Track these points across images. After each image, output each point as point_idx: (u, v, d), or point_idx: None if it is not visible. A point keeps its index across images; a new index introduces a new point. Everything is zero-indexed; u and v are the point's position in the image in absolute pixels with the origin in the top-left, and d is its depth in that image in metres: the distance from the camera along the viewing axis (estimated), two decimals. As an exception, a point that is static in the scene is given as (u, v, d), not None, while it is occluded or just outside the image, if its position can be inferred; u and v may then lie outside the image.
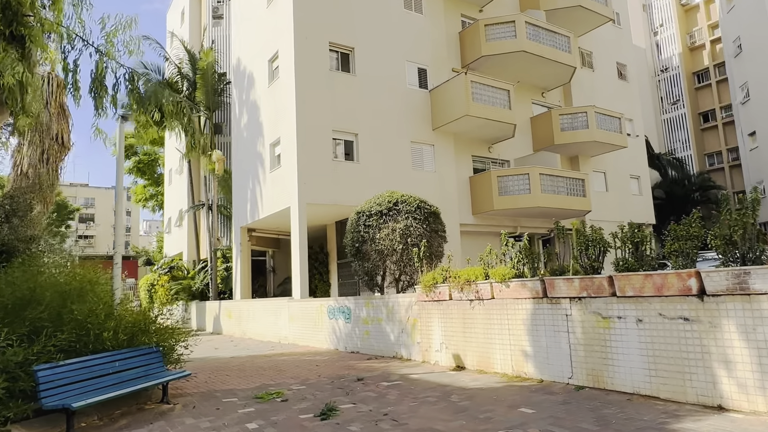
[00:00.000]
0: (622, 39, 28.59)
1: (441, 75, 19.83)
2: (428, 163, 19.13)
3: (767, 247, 5.36)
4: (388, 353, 10.77)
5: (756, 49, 30.40)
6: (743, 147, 32.96)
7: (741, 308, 5.34)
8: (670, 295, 5.92)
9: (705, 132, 37.89)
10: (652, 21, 39.94)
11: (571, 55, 22.06)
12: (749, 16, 30.82)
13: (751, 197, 5.55)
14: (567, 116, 22.51)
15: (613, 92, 26.46)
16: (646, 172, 27.83)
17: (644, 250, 6.30)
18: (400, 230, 10.66)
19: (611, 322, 6.54)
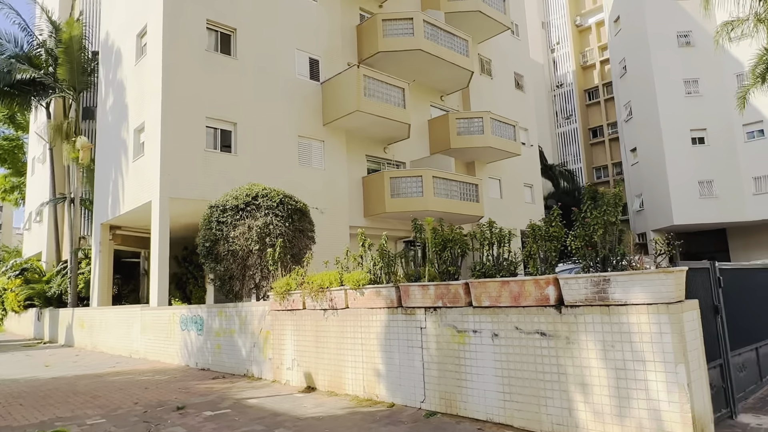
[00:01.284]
0: (521, 51, 29.21)
1: (335, 68, 18.65)
2: (317, 160, 17.83)
3: (629, 251, 4.62)
4: (239, 371, 9.28)
5: (638, 70, 32.45)
6: (626, 162, 35.06)
7: (600, 321, 4.55)
8: (527, 305, 5.06)
9: (594, 146, 40.13)
10: (550, 38, 41.80)
11: (469, 59, 21.86)
12: (633, 40, 32.89)
13: (613, 192, 4.81)
14: (464, 120, 22.26)
15: (510, 101, 26.81)
16: (539, 181, 28.51)
17: (502, 253, 5.42)
18: (258, 228, 9.25)
19: (466, 337, 5.60)
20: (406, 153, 21.26)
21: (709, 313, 5.04)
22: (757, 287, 6.61)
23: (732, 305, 5.63)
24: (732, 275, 5.80)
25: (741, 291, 6.02)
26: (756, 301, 6.47)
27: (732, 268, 5.97)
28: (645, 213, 32.69)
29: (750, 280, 6.46)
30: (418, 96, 21.95)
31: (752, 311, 6.30)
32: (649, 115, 31.45)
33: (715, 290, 5.21)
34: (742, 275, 6.28)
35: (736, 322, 5.64)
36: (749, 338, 6.03)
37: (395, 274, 6.48)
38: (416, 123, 21.33)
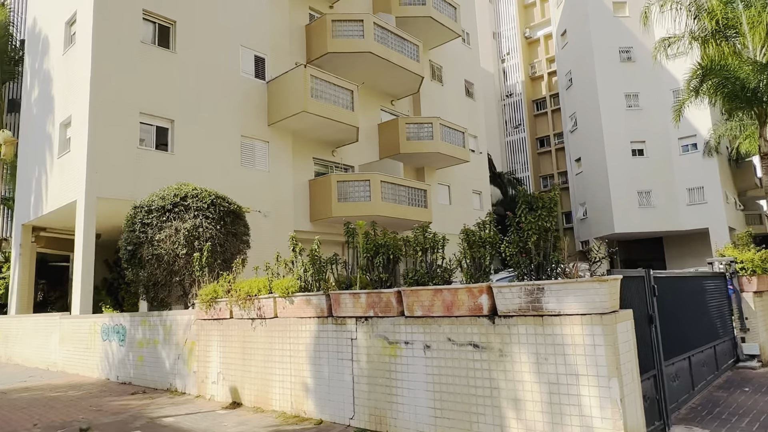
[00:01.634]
0: (472, 59, 29.50)
1: (282, 67, 18.07)
2: (261, 161, 17.18)
3: (563, 258, 4.41)
4: (162, 385, 8.58)
5: (583, 83, 33.49)
6: (571, 171, 36.09)
7: (533, 333, 4.30)
8: (460, 315, 4.77)
9: (541, 156, 41.10)
10: (501, 49, 42.63)
11: (420, 64, 21.77)
12: (578, 53, 33.94)
13: (548, 196, 4.59)
14: (413, 125, 22.14)
15: (460, 108, 26.97)
16: (487, 188, 28.81)
17: (435, 259, 5.12)
18: (186, 231, 8.60)
19: (398, 349, 5.25)
20: (355, 157, 20.91)
21: (643, 322, 4.91)
22: (689, 295, 6.62)
23: (666, 313, 5.55)
24: (666, 283, 5.73)
25: (674, 299, 5.98)
26: (688, 308, 6.47)
27: (666, 275, 5.92)
28: (588, 221, 33.67)
29: (682, 288, 6.45)
30: (368, 99, 21.67)
31: (685, 319, 6.28)
32: (593, 126, 32.48)
33: (649, 299, 5.10)
34: (675, 283, 6.26)
35: (669, 330, 5.57)
36: (682, 347, 5.99)
37: (326, 281, 6.07)
38: (366, 127, 21.04)
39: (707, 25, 16.41)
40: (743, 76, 13.15)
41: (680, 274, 6.41)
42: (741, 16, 15.65)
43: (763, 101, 13.55)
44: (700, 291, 7.07)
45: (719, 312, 7.55)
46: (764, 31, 14.82)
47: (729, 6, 16.01)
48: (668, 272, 6.09)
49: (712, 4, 16.37)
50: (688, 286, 6.67)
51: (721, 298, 7.75)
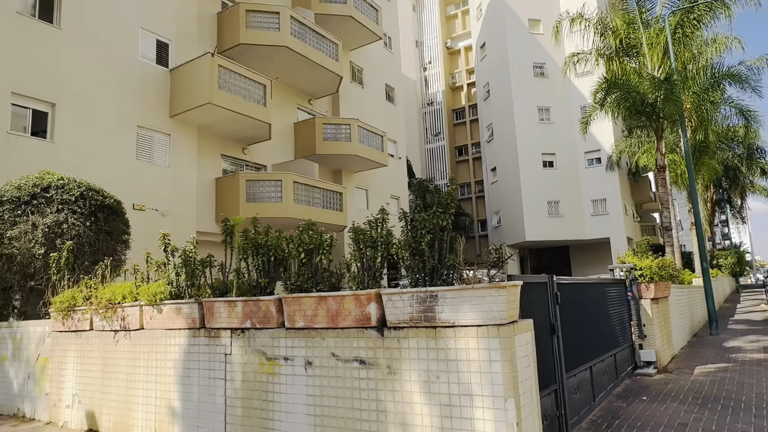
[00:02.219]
0: (393, 64, 29.36)
1: (189, 56, 16.68)
2: (160, 155, 15.71)
3: (460, 262, 3.92)
4: (8, 409, 7.22)
5: (500, 95, 34.53)
6: (487, 180, 37.04)
7: (425, 347, 3.75)
8: (346, 326, 4.14)
9: (459, 164, 41.97)
10: (423, 57, 43.15)
11: (339, 63, 21.17)
12: (496, 66, 34.98)
13: (446, 191, 4.10)
14: (331, 126, 21.46)
15: (380, 112, 26.67)
16: (406, 193, 28.67)
17: (319, 261, 4.46)
18: (46, 227, 7.32)
19: (276, 366, 4.52)
20: (269, 156, 19.86)
21: (545, 332, 4.55)
22: (591, 302, 6.45)
23: (569, 321, 5.26)
24: (569, 290, 5.46)
25: (577, 306, 5.74)
26: (591, 316, 6.30)
27: (569, 282, 5.66)
28: (502, 229, 34.63)
29: (585, 295, 6.27)
30: (285, 97, 20.75)
31: (587, 327, 6.08)
32: (508, 137, 33.53)
33: (552, 307, 4.76)
34: (578, 290, 6.04)
35: (572, 339, 5.29)
36: (585, 356, 5.76)
37: (200, 287, 5.22)
38: (281, 125, 20.13)
39: (612, 44, 17.20)
40: (643, 90, 13.80)
41: (583, 280, 6.23)
42: (641, 37, 16.53)
43: (660, 116, 14.31)
44: (602, 298, 6.97)
45: (619, 319, 7.52)
46: (661, 51, 15.67)
47: (631, 26, 16.87)
48: (571, 279, 5.85)
49: (617, 24, 17.20)
50: (591, 293, 6.52)
51: (621, 305, 7.75)
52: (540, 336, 4.21)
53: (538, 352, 4.01)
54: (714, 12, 15.49)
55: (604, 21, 17.50)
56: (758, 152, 30.12)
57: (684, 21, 15.64)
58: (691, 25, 15.72)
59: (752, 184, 34.15)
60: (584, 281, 6.34)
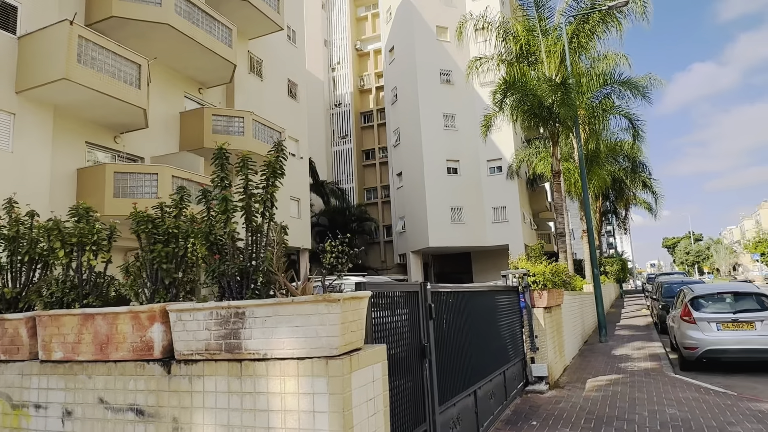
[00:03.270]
0: (297, 59, 27.90)
1: (46, 23, 14.24)
2: (1, 138, 13.12)
3: (277, 266, 2.74)
4: None
5: (407, 100, 34.27)
6: (393, 185, 36.60)
7: (226, 390, 2.53)
8: (121, 359, 2.79)
9: (366, 168, 41.24)
10: (332, 57, 42.04)
11: (233, 50, 19.41)
12: (404, 70, 34.72)
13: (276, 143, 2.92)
14: (222, 118, 19.58)
15: (281, 108, 25.09)
16: (306, 195, 27.30)
17: (88, 262, 3.07)
18: None
19: (25, 418, 3.06)
20: (149, 147, 17.61)
21: (412, 358, 3.50)
22: (477, 313, 5.57)
23: (447, 340, 4.27)
24: (450, 300, 4.48)
25: (460, 320, 4.79)
26: (478, 329, 5.41)
27: (451, 291, 4.69)
28: (406, 235, 34.27)
29: (471, 305, 5.36)
30: (170, 83, 18.62)
31: (473, 343, 5.17)
32: (414, 142, 33.30)
33: (423, 323, 3.73)
34: (461, 300, 5.11)
35: (451, 362, 4.31)
36: (467, 380, 4.82)
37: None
38: (165, 114, 18.04)
39: (513, 49, 17.14)
40: (540, 92, 13.66)
41: (468, 288, 5.33)
42: (540, 44, 16.60)
43: (557, 121, 14.30)
44: (492, 308, 6.16)
45: (511, 331, 6.78)
46: (558, 59, 15.75)
47: (531, 33, 16.90)
48: (454, 287, 4.89)
49: (518, 30, 17.18)
50: (478, 302, 5.64)
51: (513, 315, 7.03)
52: (404, 364, 3.14)
53: (401, 385, 2.94)
54: (606, 25, 15.85)
55: (505, 26, 17.42)
56: (641, 166, 32.29)
57: (579, 31, 15.86)
58: (586, 35, 15.98)
59: (635, 197, 36.67)
60: (470, 289, 5.45)
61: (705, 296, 9.13)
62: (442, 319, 4.11)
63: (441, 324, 4.06)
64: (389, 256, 38.84)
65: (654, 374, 8.22)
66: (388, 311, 3.18)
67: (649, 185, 33.61)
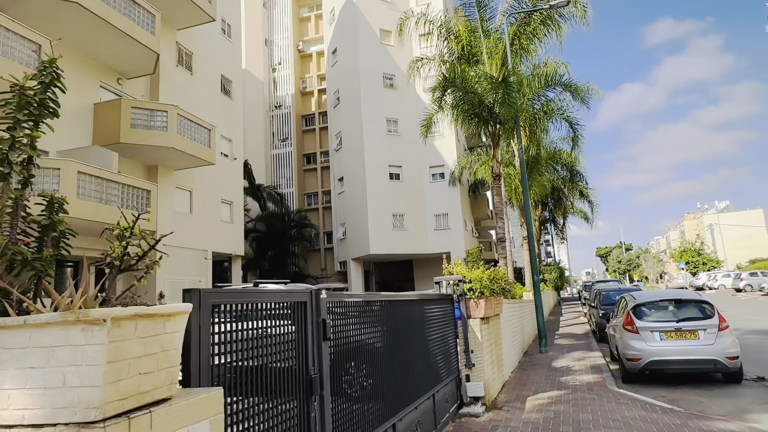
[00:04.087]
0: (232, 55, 26.40)
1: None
2: None
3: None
4: None
5: (349, 103, 33.38)
6: (334, 190, 35.50)
7: None
8: None
9: (307, 172, 39.92)
10: (273, 57, 40.57)
11: (156, 38, 17.83)
12: (347, 73, 33.83)
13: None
14: (142, 111, 17.89)
15: (213, 105, 23.52)
16: (240, 199, 25.74)
17: None
18: None
19: None
20: (57, 140, 15.69)
21: (293, 395, 2.48)
22: (401, 327, 4.63)
23: (356, 365, 3.29)
24: (359, 312, 3.50)
25: (374, 337, 3.82)
26: (398, 348, 4.46)
27: (360, 300, 3.70)
28: (347, 241, 33.22)
29: (392, 318, 4.40)
30: (83, 70, 16.83)
31: (392, 366, 4.21)
32: (356, 147, 32.41)
33: (313, 347, 2.72)
34: (379, 311, 4.13)
35: (356, 393, 3.31)
36: (383, 413, 3.85)
37: None
38: (76, 104, 16.31)
39: (455, 49, 16.62)
40: (481, 90, 13.10)
41: (388, 297, 4.36)
42: (482, 45, 16.15)
43: (498, 121, 13.80)
44: (420, 320, 5.25)
45: (444, 346, 5.91)
46: (500, 60, 15.32)
47: (473, 34, 16.44)
48: (365, 295, 3.91)
49: (459, 29, 16.68)
50: (403, 313, 4.70)
51: (447, 327, 6.17)
52: (275, 409, 2.11)
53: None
54: (547, 28, 15.61)
55: (447, 26, 16.89)
56: (578, 176, 32.88)
57: (521, 32, 15.54)
58: (527, 38, 15.68)
59: (572, 206, 37.40)
60: (391, 298, 4.50)
61: (647, 304, 8.67)
62: (346, 338, 3.13)
63: (343, 344, 3.08)
64: (330, 264, 37.63)
65: (597, 389, 7.60)
66: (255, 332, 2.17)
67: (585, 194, 34.31)
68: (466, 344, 6.37)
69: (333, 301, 2.96)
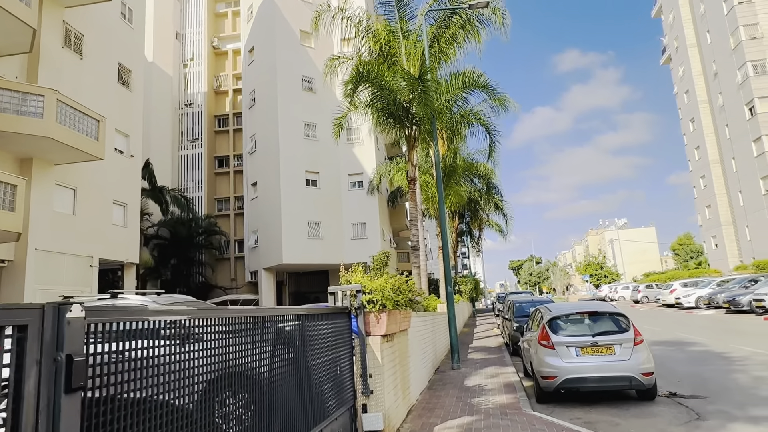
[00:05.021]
0: (134, 42, 24.01)
1: None
2: None
3: None
4: None
5: (266, 104, 31.74)
6: (247, 196, 33.52)
7: None
8: None
9: (219, 176, 37.46)
10: (185, 52, 37.90)
11: (31, 11, 15.49)
12: (264, 73, 32.20)
13: None
14: (12, 93, 15.45)
15: (107, 95, 21.09)
16: (137, 200, 23.28)
17: None
18: None
19: None
20: None
21: None
22: (270, 352, 3.48)
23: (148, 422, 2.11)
24: (149, 335, 2.32)
25: (222, 369, 2.65)
26: (264, 383, 3.31)
27: (177, 320, 2.53)
28: (259, 250, 31.35)
29: (250, 342, 3.24)
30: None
31: (259, 404, 3.06)
32: (271, 150, 30.79)
33: (45, 404, 1.53)
34: (226, 334, 2.96)
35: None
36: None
37: None
38: None
39: (373, 48, 15.84)
40: (396, 87, 12.32)
41: (239, 313, 3.18)
42: (401, 46, 15.49)
43: (414, 122, 13.08)
44: (303, 341, 4.14)
45: (333, 372, 4.81)
46: (419, 62, 14.71)
47: (392, 34, 15.76)
48: (192, 311, 2.72)
49: (378, 28, 15.94)
50: (269, 334, 3.56)
51: (340, 348, 5.09)
52: None
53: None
54: (467, 33, 15.24)
55: (366, 23, 16.08)
56: (494, 189, 33.35)
57: (440, 35, 15.05)
58: (446, 41, 15.21)
59: (488, 219, 37.96)
60: (247, 314, 3.32)
61: (563, 317, 8.13)
62: (142, 380, 1.96)
63: (131, 393, 1.91)
64: (240, 274, 35.41)
65: (511, 413, 6.85)
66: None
67: (501, 207, 34.89)
68: (364, 367, 5.32)
69: (107, 322, 1.79)
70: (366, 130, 28.29)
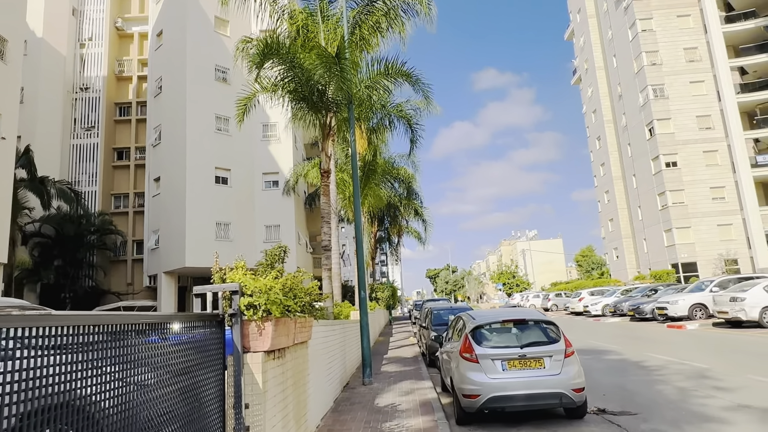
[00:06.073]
0: (12, 8, 20.80)
1: None
2: None
3: None
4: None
5: (173, 93, 29.06)
6: (149, 192, 30.47)
7: None
8: None
9: (117, 170, 33.86)
10: (82, 31, 34.06)
11: None
12: (172, 59, 29.51)
13: None
14: None
15: (-30, 63, 17.90)
16: (8, 191, 20.02)
17: None
18: None
19: None
20: None
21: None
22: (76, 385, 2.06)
23: None
24: None
25: None
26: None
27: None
28: (160, 252, 28.46)
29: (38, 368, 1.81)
30: None
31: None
32: (177, 143, 28.13)
33: None
34: None
35: None
36: None
37: None
38: None
39: (290, 31, 14.44)
40: (310, 65, 11.01)
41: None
42: (320, 30, 14.24)
43: (330, 108, 11.82)
44: (141, 364, 2.72)
45: (190, 404, 3.41)
46: (338, 45, 13.48)
47: (311, 17, 14.47)
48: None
49: (294, 9, 14.59)
50: (83, 357, 2.14)
51: (206, 370, 3.69)
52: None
53: None
54: (390, 22, 14.28)
55: (282, 3, 14.67)
56: (414, 195, 32.84)
57: (363, 21, 13.96)
58: (369, 29, 14.14)
59: (408, 225, 37.45)
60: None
61: (487, 326, 7.19)
62: None
63: None
64: (138, 278, 32.12)
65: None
66: None
67: (420, 213, 34.46)
68: (237, 395, 3.93)
69: None
70: (283, 127, 26.62)
